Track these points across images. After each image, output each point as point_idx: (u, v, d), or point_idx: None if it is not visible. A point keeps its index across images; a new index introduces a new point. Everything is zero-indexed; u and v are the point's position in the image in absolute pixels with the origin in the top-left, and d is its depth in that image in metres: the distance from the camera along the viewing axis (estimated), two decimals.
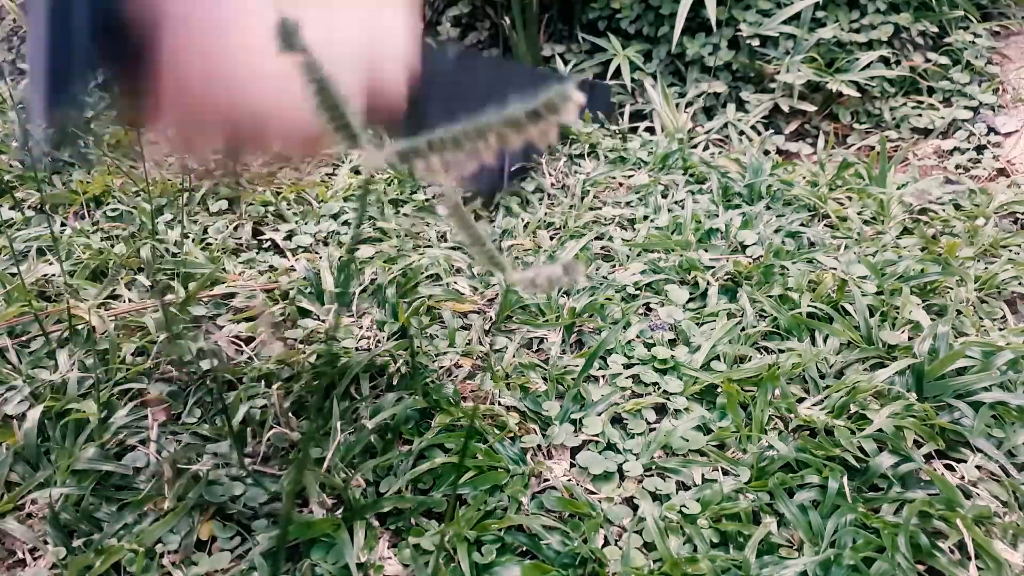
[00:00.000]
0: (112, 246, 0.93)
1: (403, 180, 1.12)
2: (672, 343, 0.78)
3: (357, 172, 1.13)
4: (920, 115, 1.44)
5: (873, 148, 1.37)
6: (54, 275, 0.86)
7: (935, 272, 0.86)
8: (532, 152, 1.14)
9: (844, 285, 0.82)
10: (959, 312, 0.81)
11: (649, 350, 0.76)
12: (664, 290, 0.85)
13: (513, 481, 0.63)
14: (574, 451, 0.67)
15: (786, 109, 1.43)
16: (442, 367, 0.75)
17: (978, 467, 0.65)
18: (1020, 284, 0.87)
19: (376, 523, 0.60)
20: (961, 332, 0.79)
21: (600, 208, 1.06)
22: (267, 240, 0.99)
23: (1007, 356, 0.71)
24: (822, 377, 0.73)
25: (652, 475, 0.65)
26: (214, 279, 0.86)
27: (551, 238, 0.97)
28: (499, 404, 0.71)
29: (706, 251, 0.92)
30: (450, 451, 0.64)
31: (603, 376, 0.74)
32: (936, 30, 1.52)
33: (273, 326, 0.65)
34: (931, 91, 1.48)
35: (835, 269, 0.87)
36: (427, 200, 1.09)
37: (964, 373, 0.71)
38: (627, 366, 0.75)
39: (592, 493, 0.63)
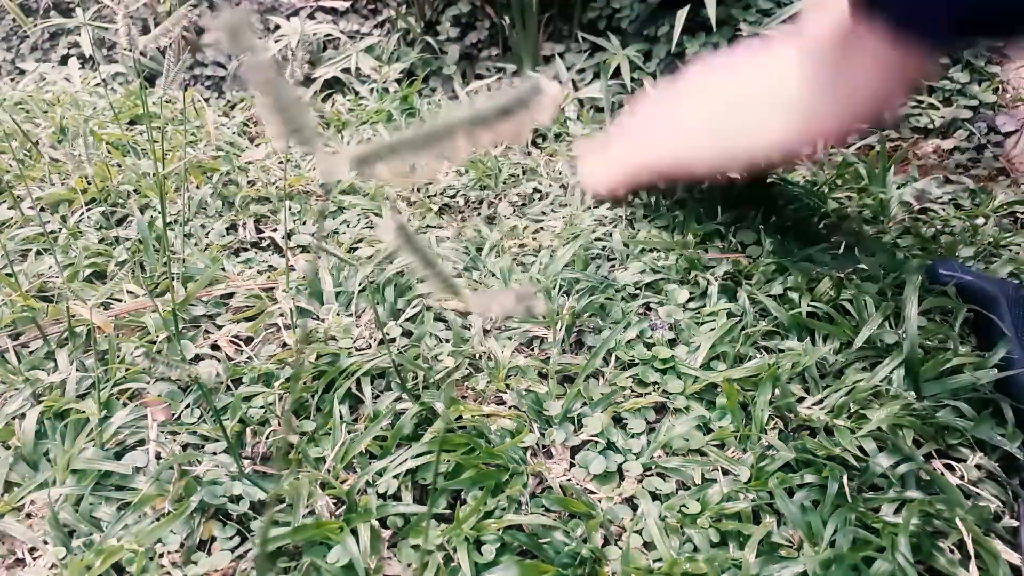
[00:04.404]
0: (111, 246, 0.92)
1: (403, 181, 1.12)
2: (672, 343, 0.78)
3: None
4: (920, 114, 1.44)
5: (873, 147, 1.37)
6: (53, 276, 0.86)
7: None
8: None
9: (843, 286, 0.82)
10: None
11: (649, 350, 0.76)
12: (664, 289, 0.85)
13: (513, 481, 0.63)
14: (574, 451, 0.67)
15: None
16: (442, 367, 0.75)
17: (978, 467, 0.65)
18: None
19: (375, 523, 0.60)
20: (961, 331, 0.79)
21: (600, 208, 1.06)
22: (267, 239, 0.99)
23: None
24: (822, 377, 0.73)
25: (652, 475, 0.65)
26: (213, 279, 0.86)
27: (552, 238, 0.97)
28: (499, 404, 0.71)
29: (706, 251, 0.92)
30: (450, 452, 0.64)
31: (603, 376, 0.74)
32: None
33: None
34: (931, 90, 1.48)
35: (838, 269, 0.87)
36: (428, 198, 1.08)
37: (962, 371, 0.71)
38: (627, 366, 0.75)
39: (592, 493, 0.63)
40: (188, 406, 0.71)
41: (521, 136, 0.20)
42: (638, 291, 0.86)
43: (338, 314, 0.82)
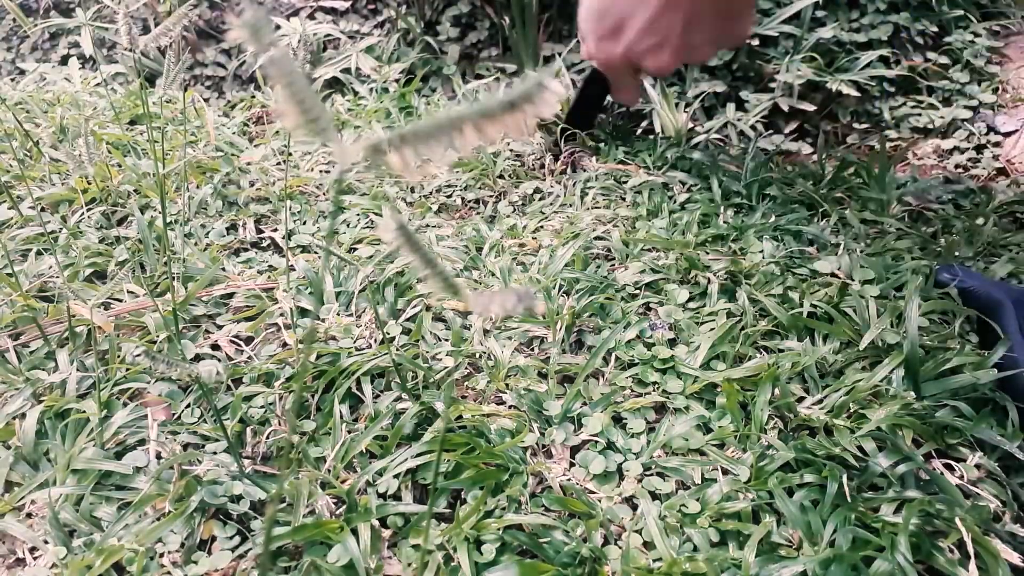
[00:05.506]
0: (112, 246, 0.92)
1: (402, 180, 1.12)
2: (672, 343, 0.78)
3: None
4: (920, 115, 1.44)
5: (873, 147, 1.37)
6: (54, 276, 0.86)
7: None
8: None
9: (845, 286, 0.82)
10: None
11: (649, 349, 0.76)
12: (664, 289, 0.85)
13: (513, 481, 0.63)
14: (574, 450, 0.67)
15: (786, 109, 1.43)
16: (442, 367, 0.75)
17: (978, 466, 0.65)
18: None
19: (375, 523, 0.60)
20: (961, 330, 0.79)
21: (600, 208, 1.06)
22: (267, 239, 0.99)
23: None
24: (822, 376, 0.73)
25: (652, 474, 0.65)
26: (213, 278, 0.86)
27: (552, 238, 0.97)
28: (499, 404, 0.71)
29: (707, 253, 0.92)
30: (450, 451, 0.64)
31: (603, 376, 0.74)
32: (936, 30, 1.52)
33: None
34: (931, 91, 1.48)
35: (838, 270, 0.87)
36: (427, 197, 1.08)
37: (962, 371, 0.71)
38: (627, 365, 0.75)
39: (592, 492, 0.63)
40: (188, 406, 0.71)
41: (527, 129, 0.21)
42: (638, 291, 0.86)
43: (338, 314, 0.82)
